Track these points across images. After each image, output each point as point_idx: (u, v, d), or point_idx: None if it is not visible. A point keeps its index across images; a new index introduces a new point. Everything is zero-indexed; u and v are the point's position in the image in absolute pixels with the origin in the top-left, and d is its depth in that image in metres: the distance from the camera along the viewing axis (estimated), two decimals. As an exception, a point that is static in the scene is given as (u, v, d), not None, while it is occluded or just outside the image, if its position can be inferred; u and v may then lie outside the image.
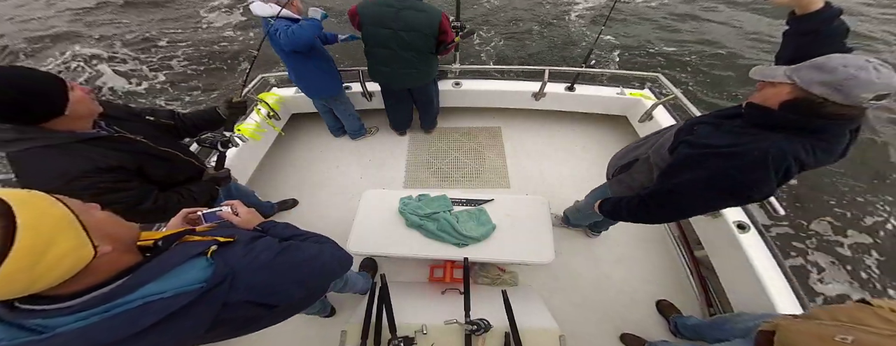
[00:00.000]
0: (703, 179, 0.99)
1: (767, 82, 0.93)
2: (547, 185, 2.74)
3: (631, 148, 1.48)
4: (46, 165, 1.01)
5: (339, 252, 0.95)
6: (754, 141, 0.92)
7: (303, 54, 2.15)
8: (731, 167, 0.93)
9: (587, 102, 2.92)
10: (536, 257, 1.71)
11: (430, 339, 1.31)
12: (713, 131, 1.04)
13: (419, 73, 2.33)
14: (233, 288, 0.66)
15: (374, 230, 1.83)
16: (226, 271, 0.66)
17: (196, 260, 0.66)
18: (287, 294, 0.76)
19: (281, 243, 0.82)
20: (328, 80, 2.44)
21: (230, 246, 0.74)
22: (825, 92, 0.81)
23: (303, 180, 2.87)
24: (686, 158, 1.04)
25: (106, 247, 0.57)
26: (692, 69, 5.28)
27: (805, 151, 0.89)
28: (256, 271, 0.71)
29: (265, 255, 0.74)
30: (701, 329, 1.66)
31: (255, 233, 0.87)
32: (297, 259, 0.79)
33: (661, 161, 1.19)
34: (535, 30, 6.45)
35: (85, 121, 1.07)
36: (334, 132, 3.16)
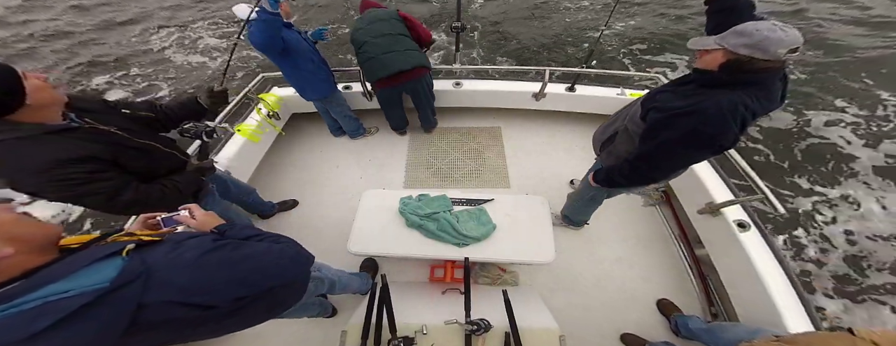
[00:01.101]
0: (677, 137, 1.17)
1: (704, 50, 1.13)
2: (547, 185, 2.74)
3: (608, 124, 1.65)
4: (17, 159, 0.99)
5: (291, 250, 0.89)
6: (708, 99, 1.11)
7: (280, 56, 2.13)
8: (696, 123, 1.12)
9: (588, 102, 2.92)
10: (537, 257, 1.71)
11: (431, 339, 1.31)
12: (673, 97, 1.23)
13: (402, 55, 2.33)
14: (148, 288, 0.62)
15: (374, 230, 1.83)
16: (138, 269, 0.62)
17: (110, 259, 0.63)
18: (222, 293, 0.71)
19: (216, 241, 0.78)
20: (317, 81, 2.41)
21: (154, 246, 0.71)
22: (749, 51, 1.01)
23: (303, 180, 2.87)
24: (656, 121, 1.23)
25: (7, 250, 0.55)
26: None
27: (751, 99, 1.09)
28: (179, 269, 0.67)
29: (191, 253, 0.70)
30: (698, 334, 1.67)
31: (189, 233, 0.83)
32: (234, 257, 0.75)
33: (636, 128, 1.36)
34: (535, 30, 6.45)
35: (51, 111, 1.04)
36: (334, 132, 3.17)
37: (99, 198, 1.10)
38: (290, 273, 0.86)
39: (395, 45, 2.32)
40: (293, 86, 2.48)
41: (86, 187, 1.06)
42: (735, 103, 1.07)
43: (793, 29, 0.98)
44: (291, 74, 2.33)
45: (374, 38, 2.31)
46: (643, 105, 1.33)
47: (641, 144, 1.32)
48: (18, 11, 7.97)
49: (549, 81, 2.75)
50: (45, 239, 0.65)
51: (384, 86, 2.48)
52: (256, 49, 2.04)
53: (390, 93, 2.61)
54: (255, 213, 2.48)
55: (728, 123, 1.09)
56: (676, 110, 1.16)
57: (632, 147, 1.43)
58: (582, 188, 1.98)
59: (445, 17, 6.88)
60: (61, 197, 1.06)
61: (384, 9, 2.45)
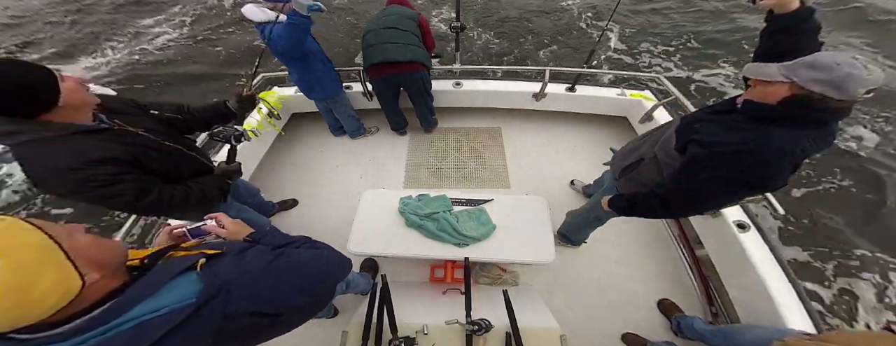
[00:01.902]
0: (723, 176, 1.04)
1: (762, 80, 0.98)
2: (547, 185, 2.74)
3: (632, 148, 1.52)
4: (40, 159, 1.00)
5: (335, 255, 0.92)
6: (762, 136, 0.98)
7: (298, 58, 2.15)
8: (747, 164, 0.99)
9: (588, 102, 2.93)
10: (537, 257, 1.71)
11: (431, 339, 1.31)
12: (717, 129, 1.09)
13: (401, 47, 2.34)
14: (230, 300, 0.64)
15: (374, 230, 1.83)
16: (218, 283, 0.64)
17: (185, 275, 0.64)
18: (288, 301, 0.73)
19: (274, 251, 0.79)
20: (328, 81, 2.44)
21: (219, 258, 0.72)
22: (824, 89, 0.87)
23: (303, 180, 2.87)
24: (698, 157, 1.10)
25: (94, 275, 0.55)
26: (693, 70, 5.29)
27: (808, 141, 0.96)
28: (251, 279, 0.69)
29: (257, 262, 0.72)
30: (709, 336, 1.63)
31: (245, 244, 0.84)
32: (293, 264, 0.77)
33: (669, 159, 1.24)
34: (536, 30, 6.46)
35: (82, 112, 1.06)
36: (335, 132, 3.16)
37: (122, 199, 1.11)
38: (338, 278, 0.88)
39: (397, 38, 2.34)
40: (301, 86, 2.46)
41: (108, 188, 1.07)
42: (794, 145, 0.95)
43: (875, 66, 0.86)
44: (303, 75, 2.34)
45: (382, 28, 2.35)
46: (679, 135, 1.20)
47: (676, 178, 1.19)
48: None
49: (548, 81, 2.75)
50: (121, 260, 0.65)
51: (377, 74, 2.47)
52: (275, 52, 2.02)
53: (383, 83, 2.58)
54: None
55: (784, 167, 0.97)
56: (724, 148, 1.03)
57: (658, 177, 1.32)
58: (588, 208, 1.91)
59: (445, 17, 6.89)
60: (89, 197, 1.07)
61: (407, 7, 2.47)
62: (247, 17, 1.98)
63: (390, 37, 2.34)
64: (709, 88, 4.92)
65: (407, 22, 2.38)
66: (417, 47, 2.41)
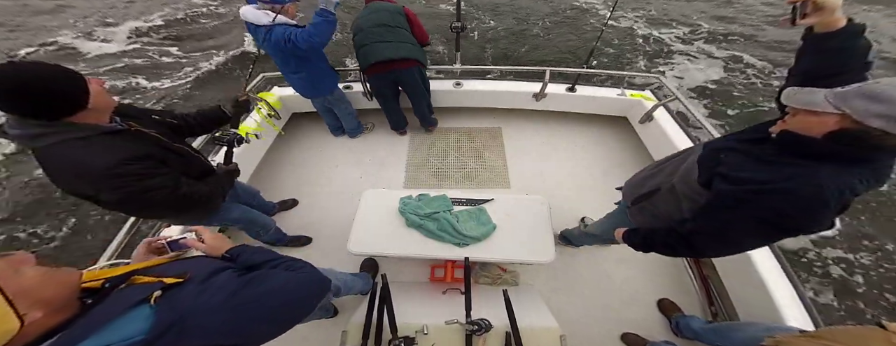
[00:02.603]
0: (755, 218, 0.90)
1: (805, 109, 0.83)
2: (547, 185, 2.74)
3: (647, 175, 1.38)
4: (82, 158, 1.02)
5: (310, 279, 0.87)
6: (802, 175, 0.83)
7: (303, 55, 2.16)
8: (785, 206, 0.85)
9: (588, 102, 2.93)
10: (537, 257, 1.71)
11: (431, 339, 1.30)
12: (746, 161, 0.96)
13: (393, 45, 2.35)
14: (184, 335, 0.61)
15: (374, 230, 1.83)
16: (171, 318, 0.61)
17: (137, 309, 0.61)
18: (252, 332, 0.71)
19: (242, 277, 0.76)
20: (329, 78, 2.47)
21: (180, 287, 0.69)
22: (885, 125, 0.73)
23: (303, 180, 2.87)
24: (728, 195, 0.95)
25: (36, 313, 0.53)
26: (693, 70, 5.29)
27: (860, 182, 0.82)
28: (211, 312, 0.66)
29: (221, 294, 0.69)
30: (703, 334, 1.65)
31: (216, 266, 0.80)
32: (260, 293, 0.74)
33: (693, 193, 1.10)
34: (536, 30, 6.46)
35: (105, 114, 1.09)
36: (334, 131, 3.17)
37: (163, 191, 1.15)
38: (310, 304, 0.85)
39: (389, 36, 2.35)
40: (304, 85, 2.46)
41: (150, 181, 1.11)
42: (841, 187, 0.81)
43: None
44: (309, 73, 2.36)
45: (372, 27, 2.34)
46: (702, 165, 1.06)
47: (701, 217, 1.05)
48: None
49: (549, 81, 2.75)
50: (68, 295, 0.62)
51: (373, 73, 2.48)
52: (305, 47, 2.01)
53: (380, 82, 2.59)
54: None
55: (827, 212, 0.82)
56: (757, 186, 0.88)
57: (676, 211, 1.18)
58: (602, 231, 1.77)
59: (445, 17, 6.90)
60: (126, 193, 1.08)
61: (390, 2, 2.46)
62: (249, 20, 1.98)
63: (381, 35, 2.34)
64: (709, 88, 4.92)
65: (395, 17, 2.37)
66: (410, 44, 2.41)
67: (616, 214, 1.67)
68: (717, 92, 4.85)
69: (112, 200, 1.10)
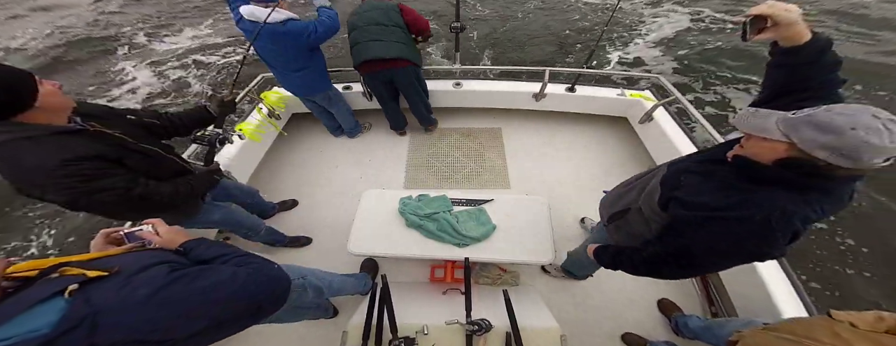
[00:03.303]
0: (707, 244, 0.89)
1: (757, 135, 0.80)
2: (547, 186, 2.74)
3: (619, 193, 1.36)
4: (26, 157, 1.00)
5: (259, 275, 0.82)
6: (752, 202, 0.82)
7: (311, 50, 2.24)
8: (733, 233, 0.84)
9: (587, 103, 2.93)
10: (537, 257, 1.71)
11: (432, 339, 1.30)
12: (703, 184, 0.94)
13: (387, 44, 2.35)
14: (98, 331, 0.58)
15: (374, 231, 1.83)
16: (82, 312, 0.59)
17: (50, 302, 0.59)
18: (179, 329, 0.68)
19: (175, 272, 0.73)
20: (324, 76, 2.49)
21: (102, 281, 0.66)
22: (830, 157, 0.70)
23: (303, 180, 2.87)
24: (682, 220, 0.95)
25: None
26: (694, 70, 5.29)
27: (812, 210, 0.79)
28: (130, 308, 0.63)
29: (144, 289, 0.66)
30: (698, 332, 1.67)
31: (153, 260, 0.77)
32: (192, 289, 0.71)
33: (654, 215, 1.08)
34: (536, 30, 6.46)
35: (59, 115, 1.07)
36: (333, 132, 3.17)
37: (113, 193, 1.11)
38: (257, 299, 0.81)
39: (383, 35, 2.33)
40: (302, 84, 2.46)
41: (97, 182, 1.08)
42: (790, 216, 0.79)
43: None
44: (312, 70, 2.37)
45: (366, 25, 2.33)
46: (663, 185, 1.04)
47: (660, 241, 1.04)
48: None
49: (548, 81, 2.76)
50: None
51: (366, 71, 2.49)
52: (324, 39, 2.16)
53: (375, 81, 2.59)
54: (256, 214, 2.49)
55: (775, 240, 0.81)
56: (708, 212, 0.87)
57: (646, 231, 1.16)
58: (584, 250, 1.75)
59: (445, 17, 6.90)
60: (72, 195, 1.06)
61: (386, 0, 2.42)
62: (256, 18, 1.96)
63: (374, 34, 2.33)
64: (710, 88, 4.92)
65: (390, 15, 2.35)
66: (402, 44, 2.39)
67: (597, 232, 1.63)
68: (719, 91, 4.85)
69: (58, 201, 1.08)
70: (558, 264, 2.11)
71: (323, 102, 2.74)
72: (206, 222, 1.70)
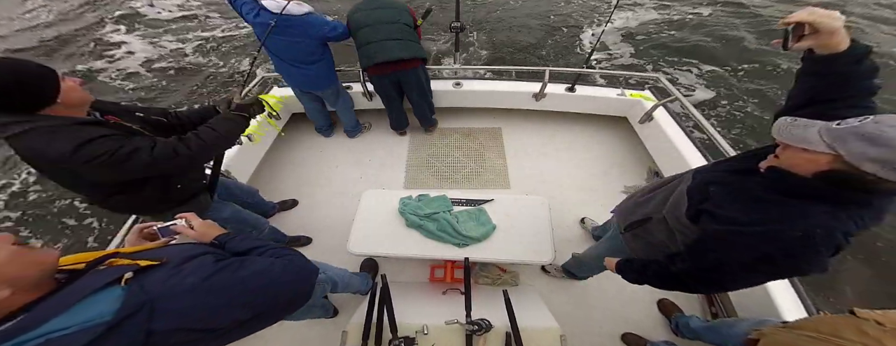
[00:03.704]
0: (743, 260, 0.85)
1: (796, 145, 0.75)
2: (547, 185, 2.74)
3: (639, 201, 1.30)
4: (48, 147, 1.03)
5: (294, 266, 0.86)
6: (790, 216, 0.77)
7: (325, 45, 2.34)
8: (773, 251, 0.79)
9: (587, 102, 2.93)
10: (537, 257, 1.71)
11: (431, 339, 1.30)
12: (733, 196, 0.89)
13: (402, 43, 2.34)
14: (155, 317, 0.61)
15: (374, 231, 1.83)
16: (140, 299, 0.61)
17: (108, 290, 0.61)
18: (225, 316, 0.70)
19: (219, 262, 0.76)
20: (332, 70, 2.52)
21: (154, 270, 0.69)
22: (880, 170, 0.66)
23: (303, 180, 2.87)
24: (714, 236, 0.90)
25: (3, 292, 0.54)
26: (693, 70, 5.29)
27: (853, 223, 0.75)
28: (181, 295, 0.66)
29: (193, 278, 0.69)
30: (700, 332, 1.66)
31: (197, 251, 0.80)
32: (236, 278, 0.73)
33: (682, 227, 1.03)
34: (536, 30, 6.46)
35: (79, 109, 1.12)
36: (325, 132, 3.16)
37: (140, 156, 1.13)
38: (293, 290, 0.84)
39: (398, 34, 2.31)
40: (313, 74, 2.44)
41: (120, 151, 1.10)
42: (832, 231, 0.75)
43: None
44: (325, 63, 2.41)
45: (377, 23, 2.30)
46: (690, 197, 0.99)
47: (691, 256, 0.98)
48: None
49: (549, 81, 2.76)
50: (42, 274, 0.62)
51: (377, 73, 2.47)
52: (334, 37, 2.30)
53: (383, 82, 2.57)
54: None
55: (819, 256, 0.77)
56: (742, 228, 0.82)
57: (671, 240, 1.11)
58: (595, 255, 1.72)
59: (446, 17, 6.90)
60: (105, 165, 1.08)
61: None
62: (276, 8, 2.01)
63: (390, 33, 2.30)
64: (710, 87, 4.92)
65: (402, 14, 2.33)
66: (417, 43, 2.40)
67: (608, 239, 1.59)
68: (718, 92, 4.85)
69: (95, 180, 1.14)
70: (558, 265, 2.11)
71: (329, 98, 2.73)
72: (217, 219, 1.70)
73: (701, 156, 2.26)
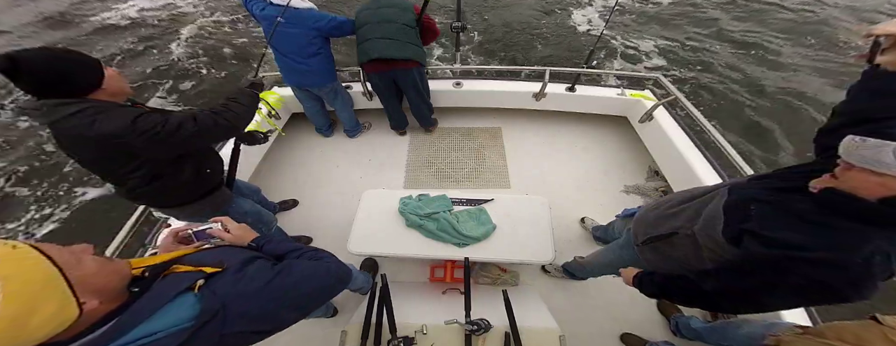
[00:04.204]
0: (790, 286, 0.80)
1: (866, 167, 0.70)
2: (547, 185, 2.74)
3: (664, 213, 1.24)
4: (104, 124, 1.09)
5: (336, 268, 0.90)
6: (849, 243, 0.74)
7: (325, 38, 2.35)
8: (827, 278, 0.75)
9: (588, 102, 2.93)
10: (536, 257, 1.71)
11: (431, 339, 1.31)
12: (780, 217, 0.84)
13: (400, 44, 2.33)
14: (227, 321, 0.65)
15: (374, 230, 1.83)
16: (216, 305, 0.65)
17: (184, 296, 0.65)
18: (282, 319, 0.75)
19: (274, 267, 0.80)
20: (332, 66, 2.52)
21: (219, 276, 0.72)
22: None
23: (303, 180, 2.87)
24: (761, 259, 0.84)
25: (93, 302, 0.55)
26: (694, 70, 5.28)
27: None
28: (249, 299, 0.70)
29: (255, 283, 0.73)
30: (703, 333, 1.65)
31: (247, 256, 0.83)
32: (292, 282, 0.78)
33: (715, 246, 0.97)
34: (536, 30, 6.45)
35: (119, 98, 1.22)
36: (324, 132, 3.16)
37: (187, 124, 1.22)
38: (336, 291, 0.89)
39: (397, 34, 2.30)
40: (314, 69, 2.44)
41: (172, 120, 1.19)
42: (889, 257, 0.72)
43: None
44: (325, 56, 2.42)
45: (379, 22, 2.30)
46: (729, 217, 0.93)
47: (727, 276, 0.93)
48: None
49: (549, 81, 2.75)
50: (122, 283, 0.65)
51: (374, 70, 2.47)
52: (334, 29, 2.30)
53: (379, 79, 2.58)
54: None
55: (874, 283, 0.74)
56: (794, 252, 0.78)
57: (694, 257, 1.06)
58: (604, 262, 1.69)
59: (446, 17, 6.89)
60: (159, 136, 1.16)
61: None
62: (281, 2, 2.08)
63: (387, 32, 2.30)
64: (711, 89, 4.91)
65: (407, 14, 2.32)
66: (415, 45, 2.38)
67: (619, 248, 1.54)
68: (719, 91, 4.84)
69: (150, 155, 1.22)
70: (558, 265, 2.11)
71: (328, 96, 2.73)
72: (238, 213, 1.76)
73: (701, 156, 2.26)
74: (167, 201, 1.51)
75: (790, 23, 6.33)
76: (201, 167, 1.48)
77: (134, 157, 1.22)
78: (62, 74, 1.06)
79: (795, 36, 5.94)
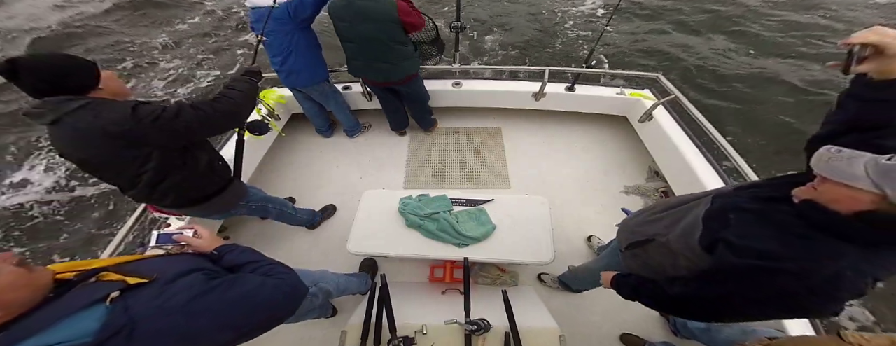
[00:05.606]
0: (757, 296, 0.80)
1: (839, 182, 0.69)
2: (547, 185, 2.74)
3: (643, 221, 1.25)
4: (106, 114, 1.13)
5: (286, 286, 0.85)
6: (819, 253, 0.73)
7: (299, 31, 2.20)
8: (794, 288, 0.74)
9: (587, 102, 2.93)
10: (536, 257, 1.71)
11: (430, 339, 1.31)
12: (757, 227, 0.82)
13: (393, 67, 2.26)
14: (133, 338, 0.60)
15: (374, 231, 1.83)
16: (121, 321, 0.60)
17: (94, 308, 0.60)
18: (207, 338, 0.69)
19: (211, 281, 0.75)
20: (321, 65, 2.45)
21: (141, 288, 0.68)
22: None
23: (303, 181, 2.87)
24: (731, 268, 0.83)
25: None
26: (694, 69, 5.28)
27: (883, 268, 0.71)
28: (165, 316, 0.65)
29: (179, 298, 0.67)
30: (696, 333, 1.68)
31: (188, 267, 0.79)
32: (224, 300, 0.72)
33: (690, 253, 0.96)
34: (536, 30, 6.45)
35: (119, 98, 1.25)
36: (323, 133, 3.16)
37: (186, 112, 1.25)
38: (280, 310, 0.83)
39: (387, 56, 2.18)
40: (301, 66, 2.37)
41: (167, 111, 1.21)
42: (863, 275, 0.70)
43: None
44: (311, 51, 2.35)
45: (363, 41, 2.13)
46: (708, 225, 0.92)
47: (696, 284, 0.93)
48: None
49: (548, 80, 2.75)
50: (34, 296, 0.61)
51: (368, 83, 2.51)
52: (302, 16, 2.12)
53: (378, 90, 2.62)
54: (258, 215, 2.49)
55: (841, 299, 0.73)
56: (766, 262, 0.77)
57: (670, 265, 1.07)
58: (593, 269, 1.72)
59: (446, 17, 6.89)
60: (160, 123, 1.19)
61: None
62: (257, 5, 2.04)
63: (377, 54, 2.17)
64: (711, 89, 4.91)
65: (387, 29, 2.05)
66: (409, 60, 2.28)
67: (608, 255, 1.58)
68: (719, 92, 4.83)
69: (160, 143, 1.24)
70: (555, 275, 2.11)
71: (319, 97, 2.70)
72: (259, 199, 1.87)
73: (701, 155, 2.25)
74: (194, 196, 1.50)
75: (792, 23, 6.32)
76: (213, 158, 1.51)
77: (141, 146, 1.22)
78: (61, 72, 1.09)
79: (798, 35, 5.93)
